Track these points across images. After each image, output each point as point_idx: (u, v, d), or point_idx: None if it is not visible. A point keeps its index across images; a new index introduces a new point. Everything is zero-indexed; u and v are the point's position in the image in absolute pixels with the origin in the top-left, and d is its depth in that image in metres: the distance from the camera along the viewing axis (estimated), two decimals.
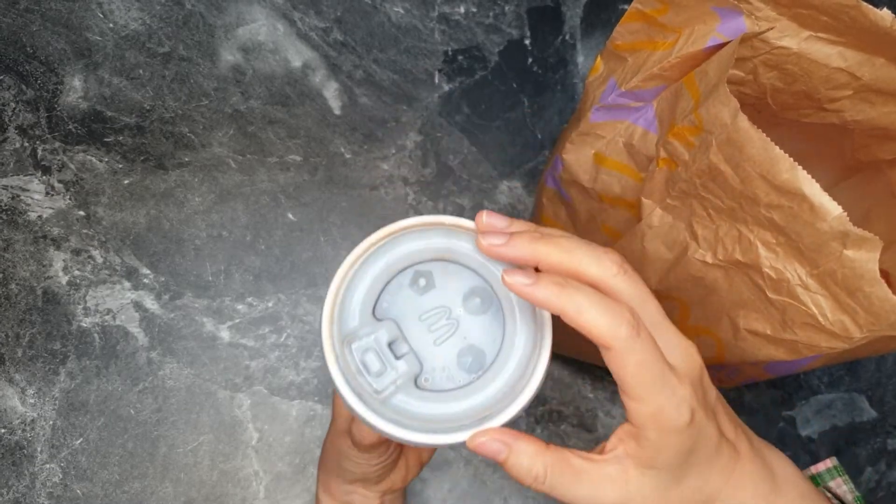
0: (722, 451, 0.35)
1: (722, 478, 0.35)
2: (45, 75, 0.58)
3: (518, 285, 0.31)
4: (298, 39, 0.63)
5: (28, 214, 0.56)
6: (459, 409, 0.33)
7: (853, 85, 0.42)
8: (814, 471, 0.44)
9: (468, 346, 0.34)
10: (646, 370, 0.31)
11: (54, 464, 0.53)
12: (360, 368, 0.32)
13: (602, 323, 0.30)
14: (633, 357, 0.31)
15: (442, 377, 0.33)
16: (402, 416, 0.32)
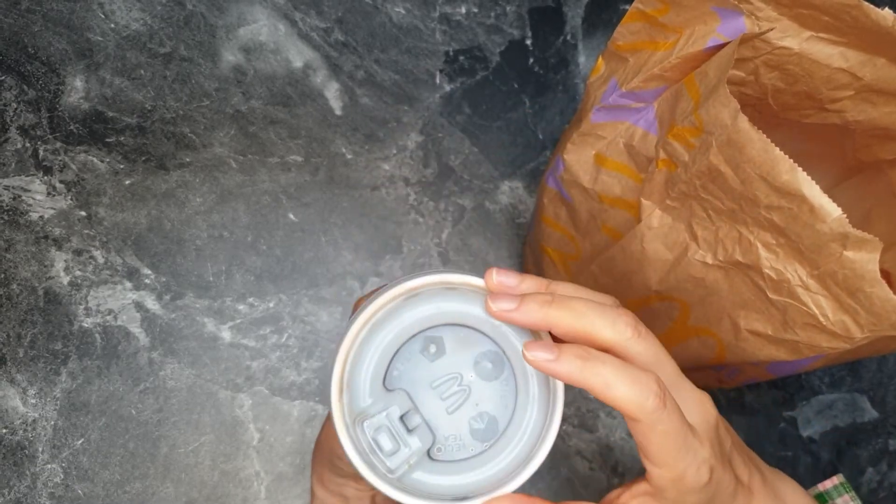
0: (737, 497, 0.35)
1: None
2: (46, 76, 0.58)
3: (541, 361, 0.30)
4: (299, 40, 0.63)
5: (29, 215, 0.56)
6: (473, 480, 0.32)
7: (854, 85, 0.42)
8: (821, 488, 0.44)
9: (480, 414, 0.33)
10: (671, 440, 0.31)
11: (55, 464, 0.53)
12: (372, 447, 0.31)
13: (630, 397, 0.30)
14: (660, 428, 0.31)
15: (454, 446, 0.33)
16: (417, 488, 0.32)
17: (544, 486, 0.61)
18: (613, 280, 0.46)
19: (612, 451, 0.62)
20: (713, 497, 0.33)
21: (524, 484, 0.33)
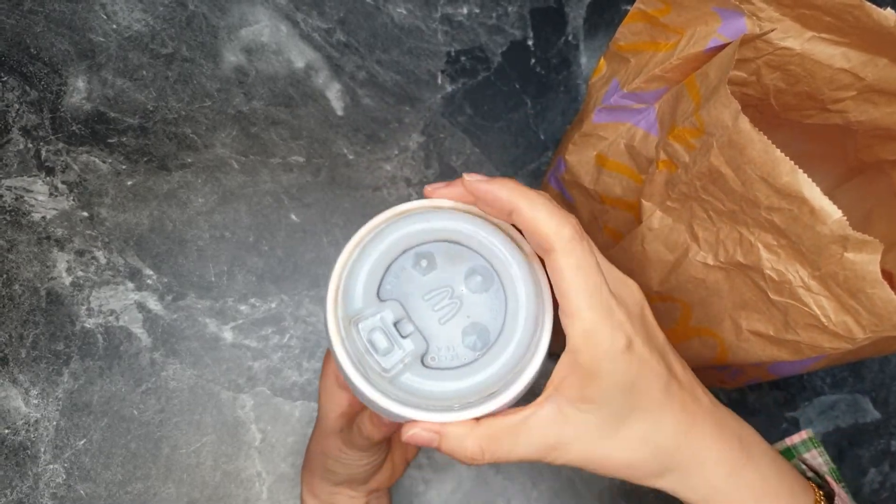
0: (673, 394, 0.34)
1: (677, 428, 0.34)
2: (48, 76, 0.58)
3: (475, 181, 0.32)
4: (301, 40, 0.63)
5: (32, 215, 0.56)
6: (465, 387, 0.33)
7: (856, 85, 0.42)
8: (788, 443, 0.42)
9: (472, 324, 0.34)
10: (582, 277, 0.31)
11: (58, 464, 0.53)
12: (367, 348, 0.32)
13: (549, 221, 0.31)
14: (573, 259, 0.31)
15: (447, 356, 0.34)
16: (409, 395, 0.32)
17: (546, 487, 0.61)
18: None
19: None
20: (637, 381, 0.32)
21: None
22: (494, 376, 0.33)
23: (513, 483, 0.60)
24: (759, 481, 0.35)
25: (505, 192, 0.32)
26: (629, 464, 0.34)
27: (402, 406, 0.32)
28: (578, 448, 0.33)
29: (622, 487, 0.62)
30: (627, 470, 0.34)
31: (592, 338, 0.31)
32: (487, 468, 0.60)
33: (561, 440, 0.33)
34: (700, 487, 0.35)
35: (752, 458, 0.36)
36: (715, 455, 0.35)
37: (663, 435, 0.34)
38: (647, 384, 0.33)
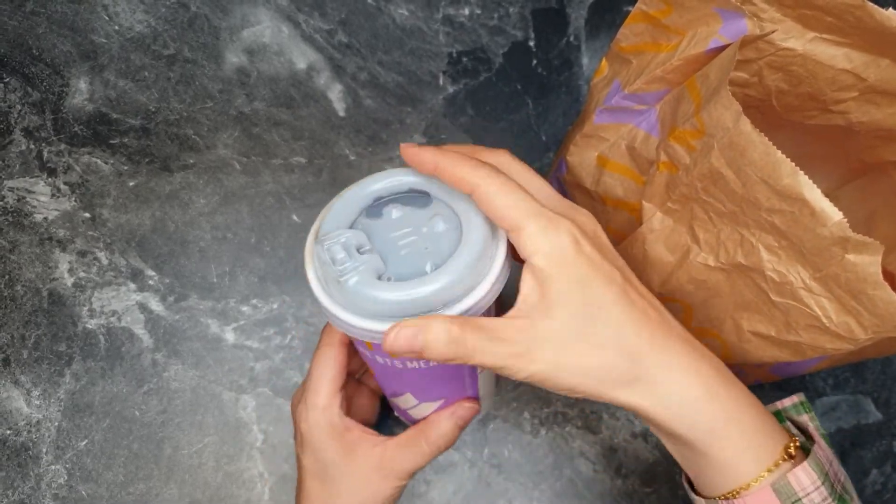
0: (633, 300, 0.34)
1: (640, 333, 0.34)
2: (50, 77, 0.58)
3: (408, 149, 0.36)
4: (303, 41, 0.64)
5: (34, 216, 0.56)
6: (423, 295, 0.33)
7: (859, 86, 0.42)
8: (779, 405, 0.41)
9: (430, 252, 0.36)
10: (513, 194, 0.33)
11: (59, 465, 0.54)
12: (327, 260, 0.34)
13: (463, 169, 0.34)
14: (493, 186, 0.33)
15: (406, 273, 0.35)
16: (363, 303, 0.34)
17: (547, 487, 0.61)
18: None
19: (616, 453, 0.62)
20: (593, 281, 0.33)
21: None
22: (451, 282, 0.34)
23: (514, 484, 0.60)
24: (735, 409, 0.35)
25: (429, 154, 0.35)
26: (596, 366, 0.34)
27: (363, 318, 0.34)
28: (545, 355, 0.33)
29: (623, 488, 0.62)
30: (595, 375, 0.34)
31: (538, 240, 0.33)
32: (489, 469, 0.60)
33: (529, 347, 0.33)
34: (671, 403, 0.34)
35: (725, 380, 0.35)
36: (685, 370, 0.34)
37: (627, 337, 0.34)
38: (602, 285, 0.34)
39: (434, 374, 0.39)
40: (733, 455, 0.35)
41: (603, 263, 0.34)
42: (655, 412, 0.34)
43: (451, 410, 0.43)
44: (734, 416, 0.35)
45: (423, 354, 0.32)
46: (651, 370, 0.34)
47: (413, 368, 0.38)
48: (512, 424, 0.61)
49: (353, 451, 0.43)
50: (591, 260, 0.34)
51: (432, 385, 0.41)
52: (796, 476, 0.34)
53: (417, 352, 0.32)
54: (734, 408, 0.35)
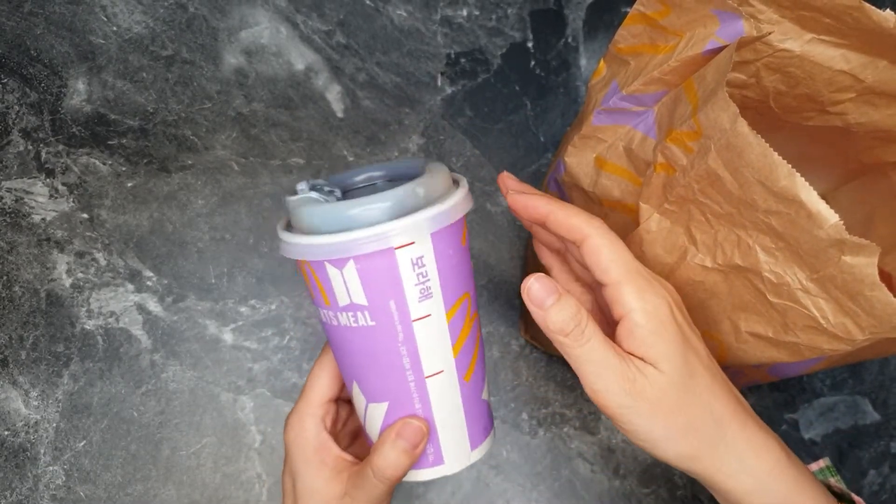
0: (716, 373, 0.36)
1: (727, 404, 0.36)
2: (48, 78, 0.58)
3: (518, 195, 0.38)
4: (301, 42, 0.64)
5: (32, 217, 0.56)
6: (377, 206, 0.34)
7: (856, 87, 0.42)
8: None
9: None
10: (621, 251, 0.35)
11: (57, 466, 0.54)
12: (292, 195, 0.36)
13: (580, 216, 0.36)
14: (607, 239, 0.35)
15: None
16: (308, 222, 0.35)
17: (545, 488, 0.61)
18: None
19: (614, 454, 0.62)
20: (685, 346, 0.35)
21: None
22: (400, 197, 0.34)
23: (512, 485, 0.60)
24: (794, 484, 0.36)
25: (543, 202, 0.37)
26: (686, 424, 0.35)
27: (312, 237, 0.34)
28: (648, 394, 0.34)
29: (621, 489, 0.62)
30: (684, 432, 0.35)
31: (639, 297, 0.35)
32: (487, 469, 0.60)
33: (636, 379, 0.34)
34: (747, 474, 0.35)
35: (790, 459, 0.37)
36: (761, 445, 0.36)
37: (715, 404, 0.35)
38: (693, 352, 0.36)
39: (370, 344, 0.37)
40: None
41: (691, 333, 0.36)
42: (730, 481, 0.36)
43: (395, 429, 0.38)
44: (800, 493, 0.36)
45: (546, 311, 0.34)
46: (732, 440, 0.36)
47: (347, 327, 0.37)
48: (510, 425, 0.61)
49: (323, 472, 0.40)
50: (682, 327, 0.36)
51: (372, 371, 0.38)
52: None
53: (544, 307, 0.35)
54: (799, 486, 0.36)
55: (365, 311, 0.36)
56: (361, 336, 0.37)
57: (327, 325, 0.38)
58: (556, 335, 0.35)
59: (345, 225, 0.34)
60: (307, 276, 0.36)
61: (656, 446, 0.35)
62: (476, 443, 0.41)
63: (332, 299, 0.36)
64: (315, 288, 0.36)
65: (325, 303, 0.37)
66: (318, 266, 0.35)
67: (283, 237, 0.36)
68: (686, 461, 0.36)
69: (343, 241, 0.33)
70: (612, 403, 0.34)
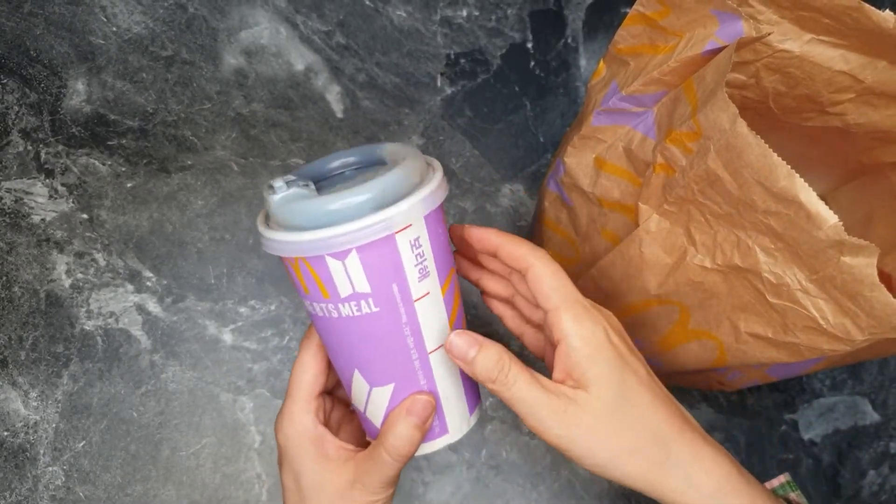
0: (656, 391, 0.37)
1: (671, 421, 0.37)
2: (48, 79, 0.58)
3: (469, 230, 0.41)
4: (301, 43, 0.64)
5: (31, 218, 0.56)
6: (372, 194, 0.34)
7: (856, 88, 0.42)
8: (767, 486, 0.44)
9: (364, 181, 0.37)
10: (562, 280, 0.37)
11: (57, 466, 0.53)
12: (267, 192, 0.35)
13: (525, 246, 0.38)
14: (549, 269, 0.38)
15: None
16: (300, 218, 0.34)
17: (545, 489, 0.61)
18: (613, 284, 0.46)
19: None
20: (622, 369, 0.36)
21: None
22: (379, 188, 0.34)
23: (512, 485, 0.60)
24: (747, 499, 0.37)
25: (494, 234, 0.40)
26: (628, 446, 0.36)
27: (290, 233, 0.34)
28: (582, 420, 0.36)
29: (621, 490, 0.62)
30: (626, 453, 0.36)
31: (580, 322, 0.36)
32: (486, 470, 0.60)
33: (568, 409, 0.36)
34: (695, 494, 0.36)
35: (742, 475, 0.37)
36: (708, 463, 0.37)
37: (658, 423, 0.37)
38: (631, 373, 0.37)
39: (374, 330, 0.37)
40: None
41: (629, 355, 0.37)
42: (681, 499, 0.36)
43: (405, 406, 0.39)
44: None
45: (471, 363, 0.36)
46: (678, 459, 0.36)
47: (349, 317, 0.37)
48: (510, 425, 0.61)
49: (327, 464, 0.40)
50: (619, 350, 0.37)
51: (376, 356, 0.38)
52: None
53: (467, 359, 0.36)
54: (752, 501, 0.37)
55: (368, 299, 0.36)
56: (364, 323, 0.37)
57: (322, 319, 0.38)
58: (485, 383, 0.36)
59: (341, 217, 0.34)
60: (300, 272, 0.36)
61: (605, 470, 0.36)
62: (472, 407, 0.42)
63: (333, 291, 0.36)
64: (311, 283, 0.36)
65: (322, 296, 0.36)
66: (317, 261, 0.35)
67: (275, 236, 0.35)
68: (635, 482, 0.36)
69: (347, 232, 0.34)
70: (551, 435, 0.36)
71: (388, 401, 0.39)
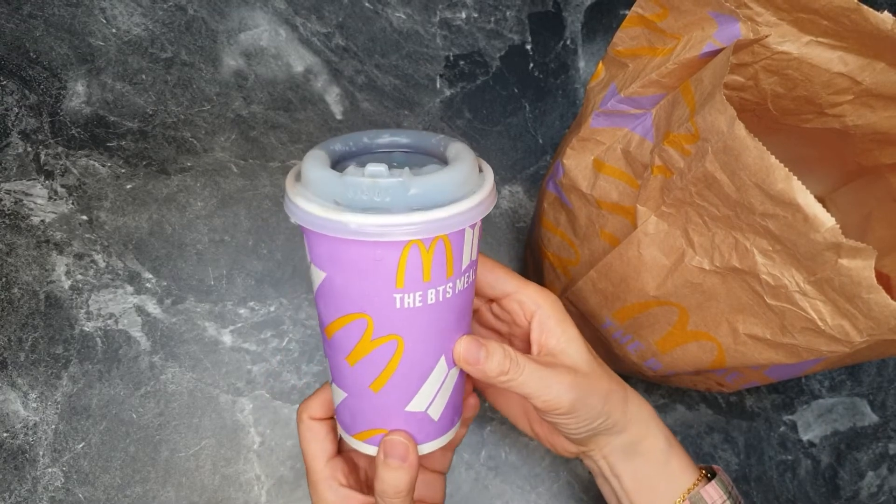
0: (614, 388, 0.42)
1: (623, 386, 0.43)
2: (48, 80, 0.58)
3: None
4: (300, 45, 0.64)
5: (31, 219, 0.56)
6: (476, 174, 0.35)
7: (854, 89, 0.42)
8: None
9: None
10: (510, 270, 0.42)
11: (56, 468, 0.54)
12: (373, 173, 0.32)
13: (535, 288, 0.42)
14: (491, 261, 0.42)
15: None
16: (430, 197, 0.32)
17: (544, 490, 0.61)
18: (612, 285, 0.46)
19: None
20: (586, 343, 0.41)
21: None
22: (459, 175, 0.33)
23: (511, 486, 0.60)
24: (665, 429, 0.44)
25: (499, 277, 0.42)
26: (610, 391, 0.41)
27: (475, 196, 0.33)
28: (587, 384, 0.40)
29: None
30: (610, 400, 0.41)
31: (544, 295, 0.42)
32: (486, 471, 0.60)
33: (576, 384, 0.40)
34: (640, 423, 0.43)
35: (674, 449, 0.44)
36: (640, 398, 0.44)
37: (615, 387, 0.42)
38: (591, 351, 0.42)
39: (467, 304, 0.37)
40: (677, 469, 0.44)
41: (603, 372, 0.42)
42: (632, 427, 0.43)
43: (382, 452, 0.38)
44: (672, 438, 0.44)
45: (482, 363, 0.37)
46: (631, 395, 0.43)
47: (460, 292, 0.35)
48: (509, 427, 0.61)
49: None
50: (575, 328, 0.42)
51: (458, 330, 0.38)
52: (707, 492, 0.43)
53: (480, 361, 0.38)
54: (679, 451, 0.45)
55: (474, 267, 0.37)
56: (467, 295, 0.37)
57: (424, 309, 0.35)
58: (499, 378, 0.38)
59: (466, 188, 0.34)
60: (429, 254, 0.33)
61: (596, 419, 0.41)
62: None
63: (458, 266, 0.34)
64: (440, 264, 0.34)
65: (446, 276, 0.34)
66: (458, 235, 0.34)
67: (448, 211, 0.32)
68: (612, 424, 0.41)
69: (491, 193, 0.35)
70: (566, 400, 0.39)
71: (455, 379, 0.39)
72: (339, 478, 0.42)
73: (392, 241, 0.32)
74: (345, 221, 0.31)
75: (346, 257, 0.33)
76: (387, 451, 0.38)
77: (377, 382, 0.37)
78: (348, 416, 0.39)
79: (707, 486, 0.43)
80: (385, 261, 0.32)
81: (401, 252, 0.32)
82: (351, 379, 0.37)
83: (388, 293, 0.33)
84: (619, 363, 0.53)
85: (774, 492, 0.64)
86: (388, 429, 0.38)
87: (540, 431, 0.47)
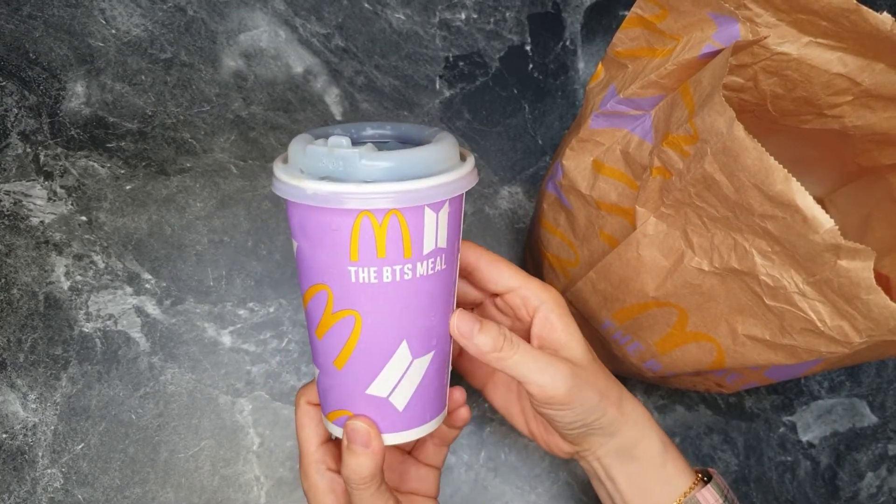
0: (611, 385, 0.43)
1: (620, 385, 0.43)
2: (47, 81, 0.58)
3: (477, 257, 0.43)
4: (300, 45, 0.64)
5: (30, 220, 0.56)
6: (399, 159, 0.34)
7: (853, 90, 0.42)
8: None
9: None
10: (515, 266, 0.43)
11: (55, 469, 0.54)
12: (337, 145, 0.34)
13: (538, 283, 0.43)
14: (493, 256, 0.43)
15: None
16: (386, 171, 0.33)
17: (543, 491, 0.61)
18: (611, 286, 0.46)
19: None
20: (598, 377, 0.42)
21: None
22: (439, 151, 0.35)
23: (511, 487, 0.60)
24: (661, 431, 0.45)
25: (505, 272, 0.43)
26: (606, 388, 0.42)
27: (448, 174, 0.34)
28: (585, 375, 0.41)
29: None
30: (606, 397, 0.41)
31: (548, 290, 0.43)
32: (485, 472, 0.60)
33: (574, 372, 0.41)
34: (635, 426, 0.43)
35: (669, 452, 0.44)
36: (636, 400, 0.44)
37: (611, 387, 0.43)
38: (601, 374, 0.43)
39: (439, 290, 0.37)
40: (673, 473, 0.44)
41: (600, 370, 0.43)
42: (627, 429, 0.43)
43: (345, 438, 0.38)
44: (668, 440, 0.45)
45: (476, 337, 0.38)
46: (627, 396, 0.44)
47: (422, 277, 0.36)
48: (508, 427, 0.61)
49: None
50: (587, 347, 0.43)
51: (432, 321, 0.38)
52: (703, 495, 0.43)
53: (473, 334, 0.38)
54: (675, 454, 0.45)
55: (443, 255, 0.36)
56: (433, 282, 0.37)
57: (384, 286, 0.35)
58: (491, 354, 0.38)
59: (431, 168, 0.34)
60: (382, 228, 0.34)
61: (591, 414, 0.41)
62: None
63: (417, 248, 0.35)
64: (395, 241, 0.34)
65: (403, 256, 0.35)
66: (415, 212, 0.34)
67: (374, 188, 0.33)
68: (607, 423, 0.42)
69: (459, 179, 0.35)
70: (562, 388, 0.39)
71: (423, 371, 0.39)
72: (328, 462, 0.42)
73: (345, 210, 0.33)
74: (302, 187, 0.33)
75: (308, 225, 0.35)
76: (350, 437, 0.38)
77: (340, 358, 0.38)
78: (322, 395, 0.40)
79: (703, 489, 0.43)
80: (341, 231, 0.34)
81: (353, 222, 0.34)
82: (320, 353, 0.39)
83: (344, 264, 0.35)
84: (619, 364, 0.53)
85: (774, 493, 0.64)
86: (352, 411, 0.39)
87: (535, 430, 0.47)
